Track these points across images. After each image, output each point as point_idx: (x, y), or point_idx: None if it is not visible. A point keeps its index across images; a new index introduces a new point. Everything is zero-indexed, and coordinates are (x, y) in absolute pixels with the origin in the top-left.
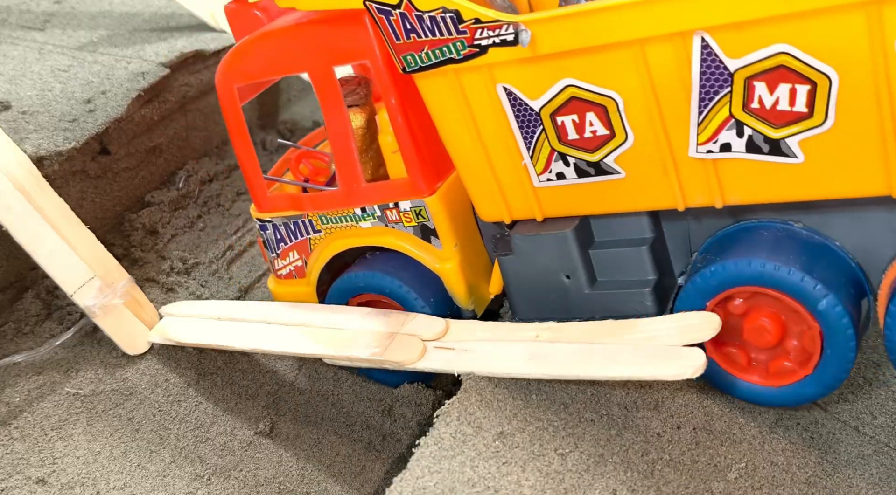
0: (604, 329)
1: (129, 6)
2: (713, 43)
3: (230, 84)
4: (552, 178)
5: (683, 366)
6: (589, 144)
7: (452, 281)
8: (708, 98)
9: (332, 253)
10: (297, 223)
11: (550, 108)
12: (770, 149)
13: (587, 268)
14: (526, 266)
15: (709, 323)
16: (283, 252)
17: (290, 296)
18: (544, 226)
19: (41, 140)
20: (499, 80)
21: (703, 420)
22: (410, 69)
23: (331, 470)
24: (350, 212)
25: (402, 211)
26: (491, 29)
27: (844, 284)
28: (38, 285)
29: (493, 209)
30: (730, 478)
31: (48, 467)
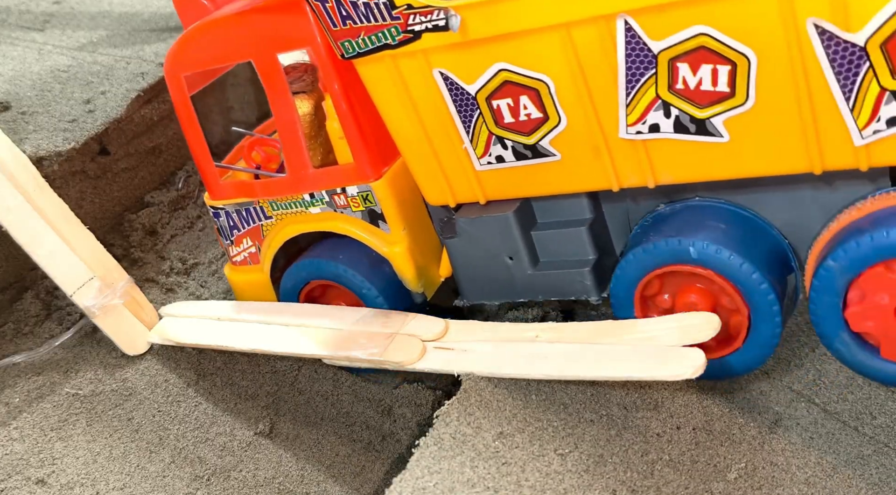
0: (604, 329)
1: (129, 6)
2: (636, 25)
3: (178, 73)
4: (492, 162)
5: (683, 367)
6: (524, 127)
7: (401, 264)
8: (634, 80)
9: (283, 239)
10: (249, 210)
11: (486, 92)
12: (696, 129)
13: (529, 250)
14: (471, 248)
15: (709, 323)
16: (237, 239)
17: (246, 282)
18: (487, 208)
19: (41, 140)
20: (435, 65)
21: (703, 420)
22: (349, 55)
23: (330, 471)
24: (299, 197)
25: (349, 196)
26: (423, 14)
27: (772, 262)
28: (37, 285)
29: (438, 193)
30: (729, 479)
31: (48, 467)
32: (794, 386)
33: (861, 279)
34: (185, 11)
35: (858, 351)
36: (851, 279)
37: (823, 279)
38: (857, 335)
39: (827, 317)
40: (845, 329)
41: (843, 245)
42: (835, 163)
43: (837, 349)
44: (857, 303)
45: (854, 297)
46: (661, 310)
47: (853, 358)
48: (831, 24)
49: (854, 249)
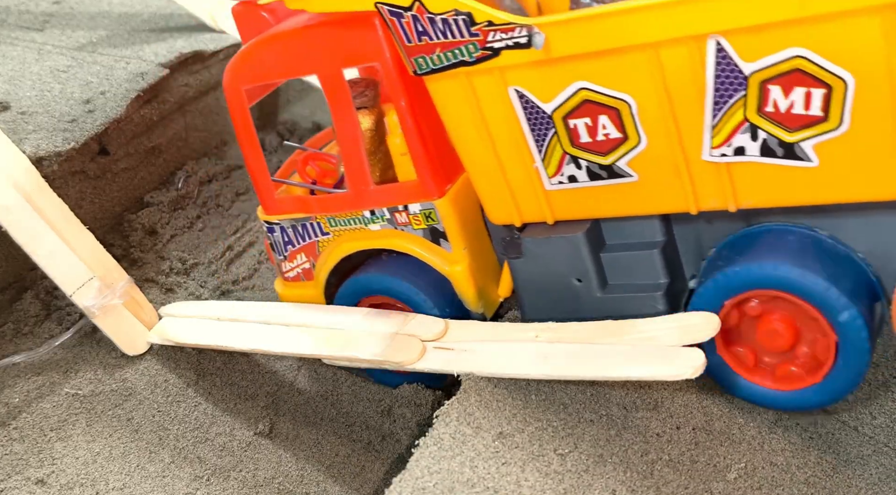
0: (604, 329)
1: (128, 6)
2: (728, 46)
3: (238, 86)
4: (564, 181)
5: (683, 367)
6: (601, 147)
7: (462, 284)
8: (722, 101)
9: (340, 255)
10: (305, 225)
11: (563, 111)
12: (784, 152)
13: (598, 272)
14: (536, 269)
15: (709, 323)
16: (291, 254)
17: (298, 298)
18: (555, 229)
19: (40, 140)
20: (511, 83)
21: (703, 420)
22: (422, 72)
23: (330, 471)
24: (359, 214)
25: (411, 213)
26: (504, 31)
27: (863, 293)
28: (37, 286)
29: (503, 212)
30: (729, 479)
31: (47, 468)
32: None
33: None
34: (244, 25)
35: None
36: None
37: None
38: None
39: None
40: None
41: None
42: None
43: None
44: None
45: None
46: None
47: None
48: None
49: None
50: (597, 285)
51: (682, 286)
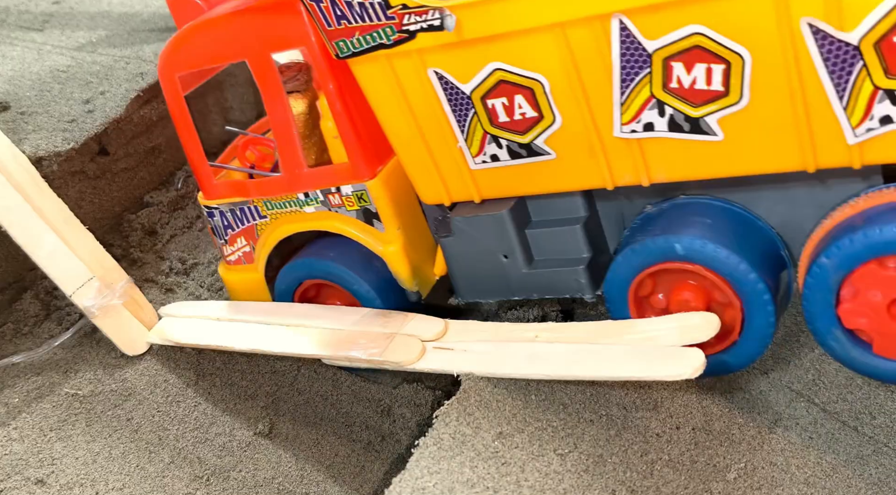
0: (603, 329)
1: (128, 6)
2: (631, 25)
3: (172, 73)
4: (487, 161)
5: (682, 367)
6: (519, 126)
7: (396, 263)
8: (629, 79)
9: (277, 238)
10: (244, 209)
11: (481, 92)
12: (691, 127)
13: (524, 248)
14: (466, 247)
15: (708, 323)
16: (231, 238)
17: (240, 281)
18: (482, 207)
19: (40, 140)
20: (430, 65)
21: (702, 420)
22: (343, 55)
23: (330, 471)
24: (293, 197)
25: (344, 195)
26: (418, 14)
27: (770, 263)
28: (36, 286)
29: (432, 192)
30: (729, 479)
31: (47, 468)
32: (794, 386)
33: (854, 276)
34: (178, 11)
35: (851, 347)
36: (844, 276)
37: (817, 276)
38: (850, 332)
39: (820, 314)
40: (838, 325)
41: (836, 242)
42: (828, 161)
43: (830, 346)
44: (850, 299)
45: (847, 294)
46: (657, 310)
47: (846, 354)
48: (825, 23)
49: (847, 246)
50: (523, 261)
51: (606, 260)
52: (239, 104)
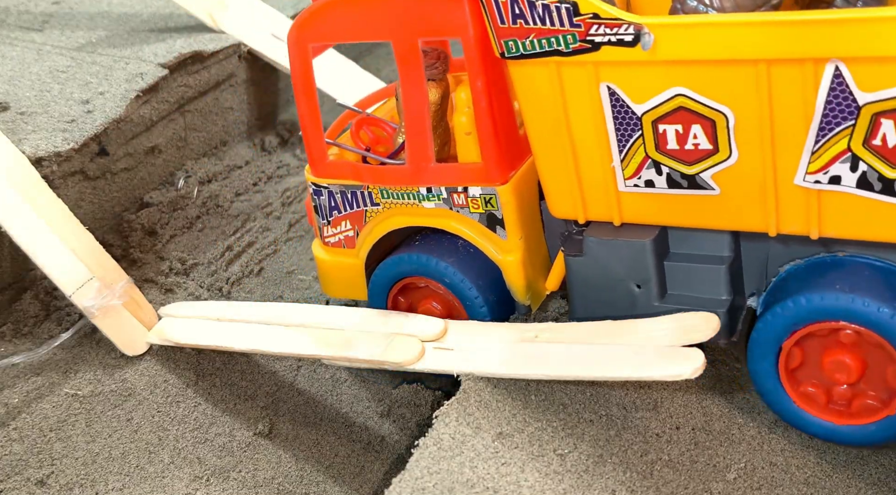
0: (603, 329)
1: (128, 7)
2: (847, 73)
3: (305, 43)
4: (639, 185)
5: (682, 367)
6: (688, 156)
7: (513, 274)
8: (828, 128)
9: (388, 228)
10: (356, 193)
11: (654, 115)
12: (883, 188)
13: (660, 280)
14: (595, 269)
15: (708, 323)
16: (336, 220)
17: (336, 264)
18: (621, 231)
19: (39, 141)
20: (604, 79)
21: (702, 420)
22: (510, 55)
23: (330, 471)
24: (415, 190)
25: (470, 196)
26: (609, 26)
27: None
28: (36, 286)
29: (567, 206)
30: (729, 479)
31: (47, 468)
32: None
33: None
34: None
35: None
36: None
37: None
38: None
39: None
40: None
41: None
42: None
43: None
44: None
45: None
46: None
47: None
48: None
49: None
50: (656, 293)
51: (741, 303)
52: (239, 104)
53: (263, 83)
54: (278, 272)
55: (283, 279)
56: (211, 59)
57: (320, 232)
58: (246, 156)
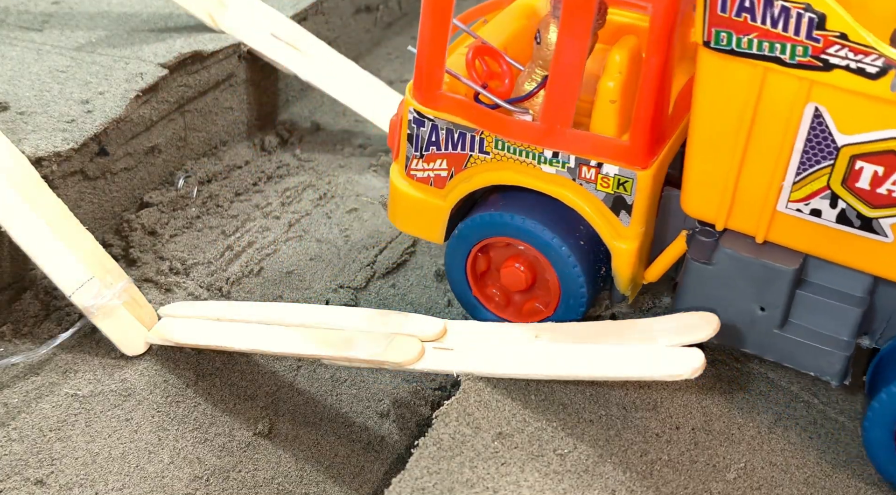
0: (604, 329)
1: (128, 7)
2: None
3: None
4: (803, 211)
5: (682, 367)
6: (876, 200)
7: (624, 263)
8: None
9: (491, 182)
10: (465, 136)
11: (857, 150)
12: None
13: (787, 308)
14: (720, 281)
15: (708, 323)
16: (431, 156)
17: (415, 200)
18: (763, 250)
19: (39, 140)
20: (814, 99)
21: (702, 420)
22: (716, 46)
23: (329, 471)
24: (539, 150)
25: (602, 173)
26: (854, 51)
27: None
28: (36, 286)
29: (708, 208)
30: (728, 479)
31: (46, 468)
32: (794, 387)
33: None
34: None
35: None
36: None
37: None
38: None
39: None
40: None
41: None
42: None
43: None
44: None
45: None
46: None
47: None
48: None
49: None
50: (779, 320)
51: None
52: (238, 104)
53: (263, 83)
54: (278, 272)
55: (282, 279)
56: (211, 59)
57: (406, 162)
58: (246, 156)
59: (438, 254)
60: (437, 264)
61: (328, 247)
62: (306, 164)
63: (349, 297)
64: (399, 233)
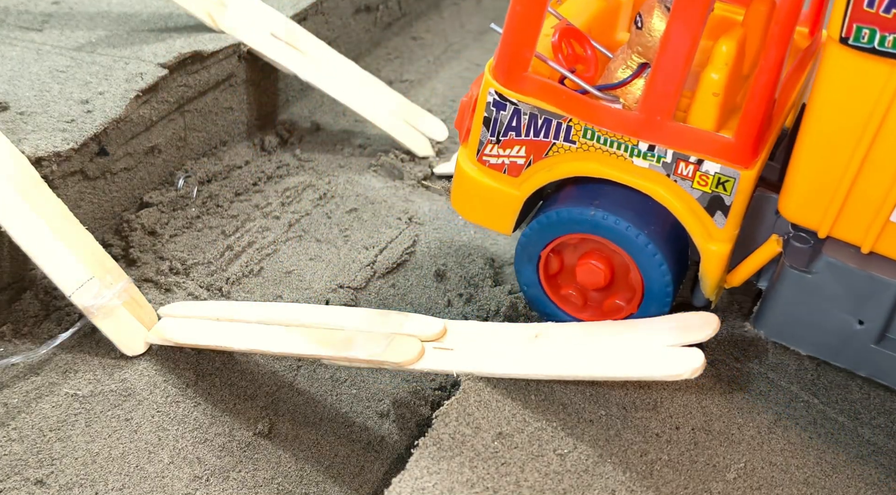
0: (604, 329)
1: (127, 7)
2: None
3: None
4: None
5: (682, 367)
6: None
7: (715, 266)
8: None
9: (576, 172)
10: (551, 122)
11: None
12: None
13: (887, 324)
14: (817, 290)
15: (707, 323)
16: (508, 142)
17: (485, 187)
18: (869, 262)
19: (39, 141)
20: None
21: (702, 420)
22: (856, 44)
23: (329, 471)
24: (631, 142)
25: (702, 171)
26: None
27: None
28: (36, 286)
29: (812, 214)
30: (728, 479)
31: (46, 468)
32: (794, 387)
33: None
34: None
35: None
36: None
37: None
38: None
39: None
40: None
41: None
42: None
43: None
44: None
45: None
46: None
47: None
48: None
49: None
50: (876, 335)
51: None
52: (238, 104)
53: (263, 83)
54: (278, 272)
55: (282, 279)
56: (210, 59)
57: (479, 146)
58: (246, 156)
59: (438, 254)
60: (436, 264)
61: (328, 247)
62: (306, 164)
63: (349, 297)
64: (399, 233)
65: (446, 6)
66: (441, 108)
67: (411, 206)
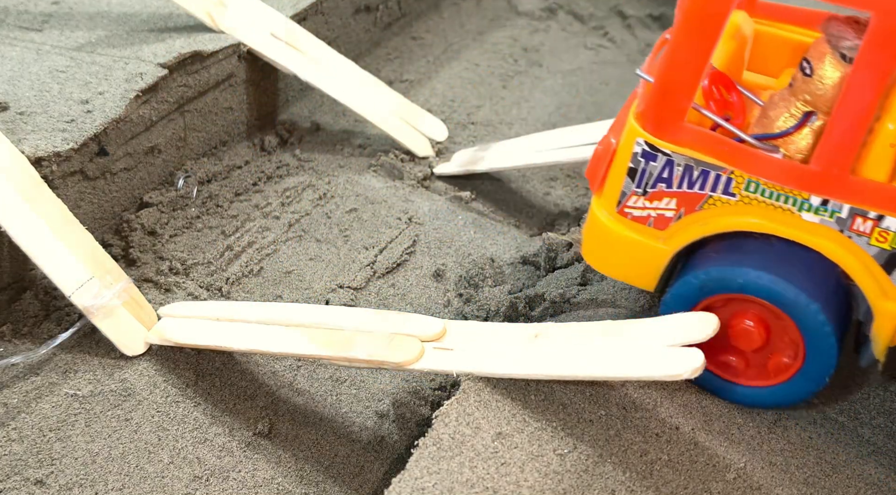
0: (603, 329)
1: (127, 7)
2: None
3: None
4: None
5: (682, 367)
6: None
7: (889, 326)
8: None
9: (730, 227)
10: (708, 174)
11: None
12: None
13: None
14: None
15: (706, 323)
16: (657, 194)
17: (628, 241)
18: None
19: (39, 141)
20: None
21: (702, 420)
22: None
23: (329, 471)
24: (801, 196)
25: (882, 227)
26: None
27: None
28: (36, 286)
29: None
30: (728, 479)
31: (46, 468)
32: None
33: None
34: None
35: None
36: None
37: None
38: None
39: None
40: None
41: None
42: None
43: None
44: None
45: None
46: None
47: None
48: None
49: None
50: None
51: None
52: (238, 104)
53: (263, 83)
54: (278, 272)
55: (282, 279)
56: (210, 59)
57: (622, 198)
58: (246, 156)
59: (438, 254)
60: (436, 264)
61: (328, 247)
62: (306, 164)
63: (349, 297)
64: (398, 232)
65: (446, 6)
66: (441, 108)
67: (411, 206)
